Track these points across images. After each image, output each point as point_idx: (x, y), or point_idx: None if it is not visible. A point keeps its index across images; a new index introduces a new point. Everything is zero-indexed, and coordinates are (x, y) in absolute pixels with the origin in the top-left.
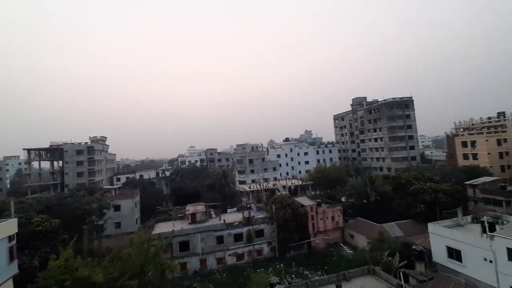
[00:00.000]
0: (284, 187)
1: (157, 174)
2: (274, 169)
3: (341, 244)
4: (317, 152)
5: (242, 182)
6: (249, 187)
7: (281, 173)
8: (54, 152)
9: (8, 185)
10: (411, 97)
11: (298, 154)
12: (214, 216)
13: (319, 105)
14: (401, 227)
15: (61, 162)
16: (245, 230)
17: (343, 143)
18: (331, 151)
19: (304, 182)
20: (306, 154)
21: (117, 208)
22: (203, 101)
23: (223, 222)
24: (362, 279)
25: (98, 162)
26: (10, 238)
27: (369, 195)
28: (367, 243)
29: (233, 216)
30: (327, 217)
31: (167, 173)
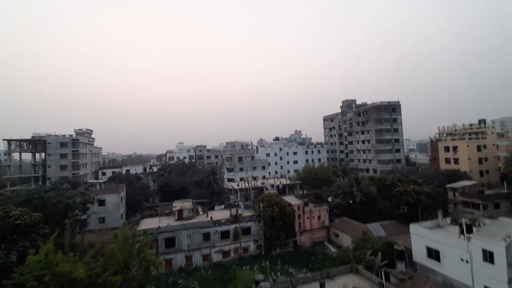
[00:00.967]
0: (273, 186)
1: (144, 169)
2: (263, 167)
3: (326, 242)
4: (306, 152)
5: (230, 180)
6: (238, 185)
7: (270, 172)
8: (37, 143)
9: None
10: (399, 101)
11: (287, 154)
12: (201, 213)
13: (310, 106)
14: (384, 227)
15: (43, 154)
16: (232, 227)
17: (331, 144)
18: (319, 152)
19: (292, 182)
20: (295, 153)
21: (101, 202)
22: (194, 98)
23: (210, 219)
24: (345, 277)
25: (83, 156)
26: None
27: (355, 195)
28: (351, 242)
29: (220, 214)
30: (314, 216)
31: (155, 169)
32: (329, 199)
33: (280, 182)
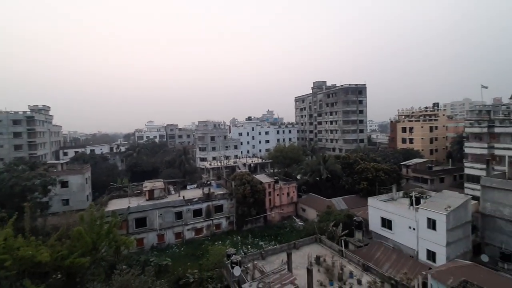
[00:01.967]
0: (245, 164)
1: (111, 149)
2: (236, 147)
3: (294, 217)
4: (278, 132)
5: (203, 159)
6: (210, 164)
7: (242, 151)
8: None
9: None
10: (365, 84)
11: (260, 133)
12: (173, 192)
13: (283, 86)
14: (346, 201)
15: None
16: (204, 205)
17: (302, 124)
18: (290, 131)
19: (264, 160)
20: (267, 133)
21: (64, 184)
22: (164, 77)
23: (182, 198)
24: (310, 246)
25: (40, 134)
26: None
27: (322, 173)
28: (316, 215)
29: (193, 193)
30: (283, 193)
31: (123, 148)
32: (298, 176)
33: (252, 161)
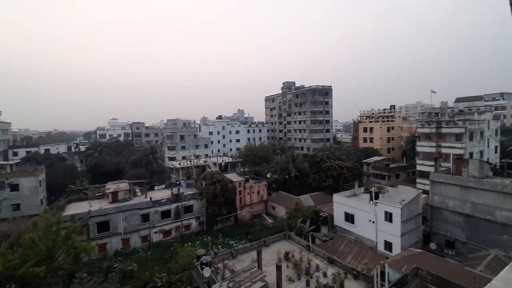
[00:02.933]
0: (215, 164)
1: (69, 148)
2: (206, 146)
3: (264, 215)
4: (248, 131)
5: (172, 159)
6: (179, 164)
7: (212, 150)
8: None
9: None
10: (331, 86)
11: (230, 132)
12: (139, 194)
13: (254, 86)
14: (313, 198)
15: None
16: (173, 206)
17: (272, 123)
18: (260, 131)
19: (234, 159)
20: (237, 132)
21: (14, 187)
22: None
23: (149, 199)
24: (279, 243)
25: None
26: None
27: (291, 171)
28: (285, 213)
29: (161, 193)
30: (253, 191)
31: (82, 148)
32: (268, 175)
33: (223, 160)
